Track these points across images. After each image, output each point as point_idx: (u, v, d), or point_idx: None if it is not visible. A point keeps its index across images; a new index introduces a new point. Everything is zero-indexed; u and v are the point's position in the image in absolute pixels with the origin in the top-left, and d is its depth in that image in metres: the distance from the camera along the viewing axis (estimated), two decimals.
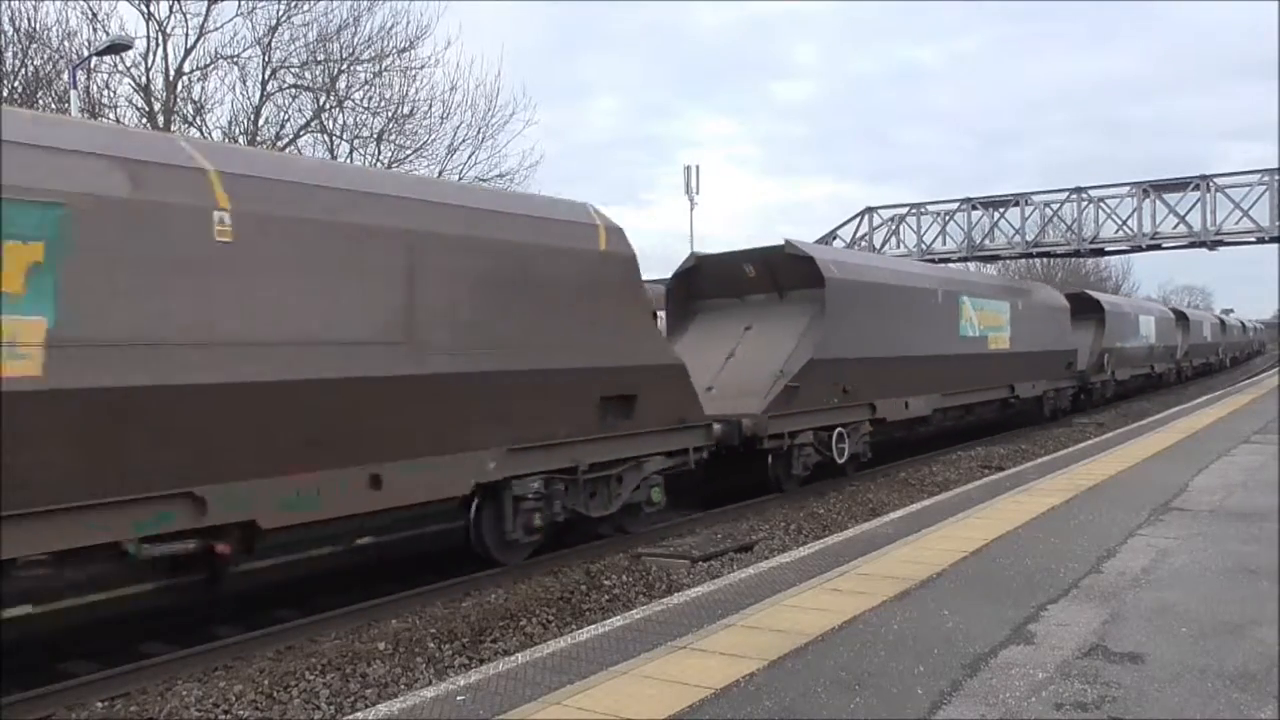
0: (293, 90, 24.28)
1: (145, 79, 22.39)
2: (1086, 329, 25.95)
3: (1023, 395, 20.40)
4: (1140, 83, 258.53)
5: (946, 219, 29.72)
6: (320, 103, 24.32)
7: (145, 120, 21.99)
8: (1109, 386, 27.46)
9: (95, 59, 20.81)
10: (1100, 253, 31.04)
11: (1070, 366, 23.86)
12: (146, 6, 21.95)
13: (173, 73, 22.58)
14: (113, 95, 22.30)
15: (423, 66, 25.90)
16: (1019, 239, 28.59)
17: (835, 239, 30.66)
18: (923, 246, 29.55)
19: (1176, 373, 37.97)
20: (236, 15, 23.75)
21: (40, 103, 20.26)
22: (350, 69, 24.37)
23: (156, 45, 22.26)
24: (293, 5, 23.38)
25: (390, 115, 25.02)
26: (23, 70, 20.89)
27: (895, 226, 30.24)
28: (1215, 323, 52.26)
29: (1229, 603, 5.51)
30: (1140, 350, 31.01)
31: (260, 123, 23.93)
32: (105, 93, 22.10)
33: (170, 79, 22.56)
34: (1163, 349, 34.25)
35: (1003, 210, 28.79)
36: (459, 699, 4.38)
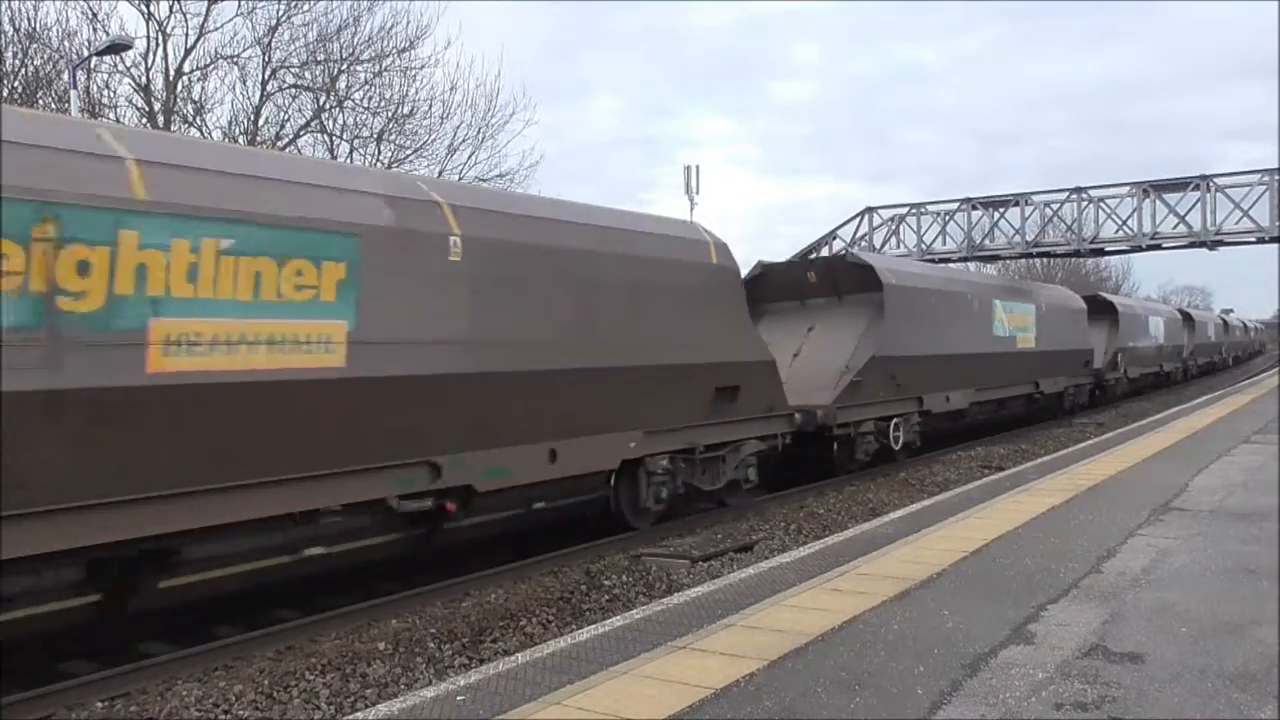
0: (293, 90, 24.29)
1: (145, 79, 22.41)
2: (1101, 329, 27.23)
3: (1046, 391, 21.96)
4: (1140, 83, 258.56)
5: (946, 219, 29.66)
6: (320, 103, 24.32)
7: (145, 120, 21.99)
8: (1122, 383, 28.70)
9: (95, 59, 20.80)
10: (1100, 253, 31.00)
11: (1087, 364, 25.16)
12: (146, 6, 21.98)
13: (173, 73, 22.58)
14: (113, 95, 22.33)
15: (423, 66, 25.93)
16: (1019, 239, 28.54)
17: (835, 239, 30.63)
18: (923, 246, 29.50)
19: (1183, 371, 39.13)
20: (236, 15, 23.82)
21: (40, 103, 20.26)
22: (350, 69, 24.37)
23: (156, 45, 22.29)
24: (293, 5, 23.39)
25: (390, 115, 25.02)
26: (23, 70, 20.89)
27: (895, 226, 30.20)
28: (1219, 323, 53.68)
29: (1229, 603, 5.51)
30: (1150, 349, 32.16)
31: (260, 123, 23.95)
32: (105, 93, 22.14)
33: (170, 79, 22.55)
34: (1171, 348, 35.40)
35: (1003, 210, 28.75)
36: (459, 699, 4.38)
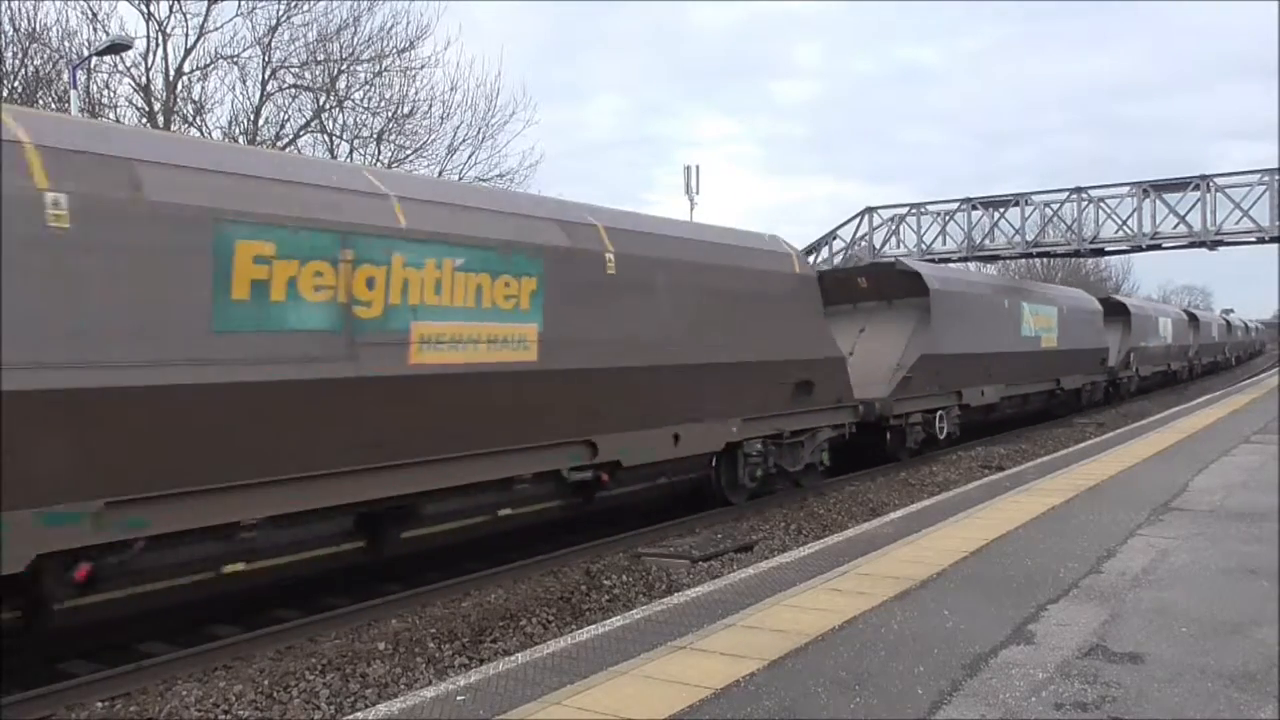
0: (293, 90, 24.28)
1: (145, 79, 22.41)
2: (1114, 329, 28.71)
3: (1066, 387, 23.63)
4: (1140, 83, 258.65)
5: (946, 219, 29.66)
6: (320, 103, 24.30)
7: (145, 120, 21.98)
8: (1133, 381, 30.39)
9: (95, 59, 20.79)
10: (1100, 253, 31.02)
11: (1103, 363, 26.79)
12: (146, 6, 21.97)
13: (173, 73, 22.58)
14: (113, 95, 22.32)
15: (423, 66, 25.88)
16: (1019, 239, 28.56)
17: (835, 239, 30.65)
18: (923, 246, 29.50)
19: (1189, 370, 40.89)
20: (236, 15, 23.83)
21: (40, 102, 20.25)
22: (350, 69, 24.36)
23: (156, 45, 22.28)
24: (293, 5, 23.38)
25: (390, 115, 25.01)
26: (23, 70, 20.89)
27: (895, 226, 30.20)
28: (1222, 324, 55.57)
29: (1229, 603, 5.51)
30: (1159, 349, 33.99)
31: (260, 123, 23.95)
32: (105, 93, 22.13)
33: (170, 79, 22.55)
34: (1178, 348, 37.24)
35: (1003, 210, 28.75)
36: (459, 699, 4.38)
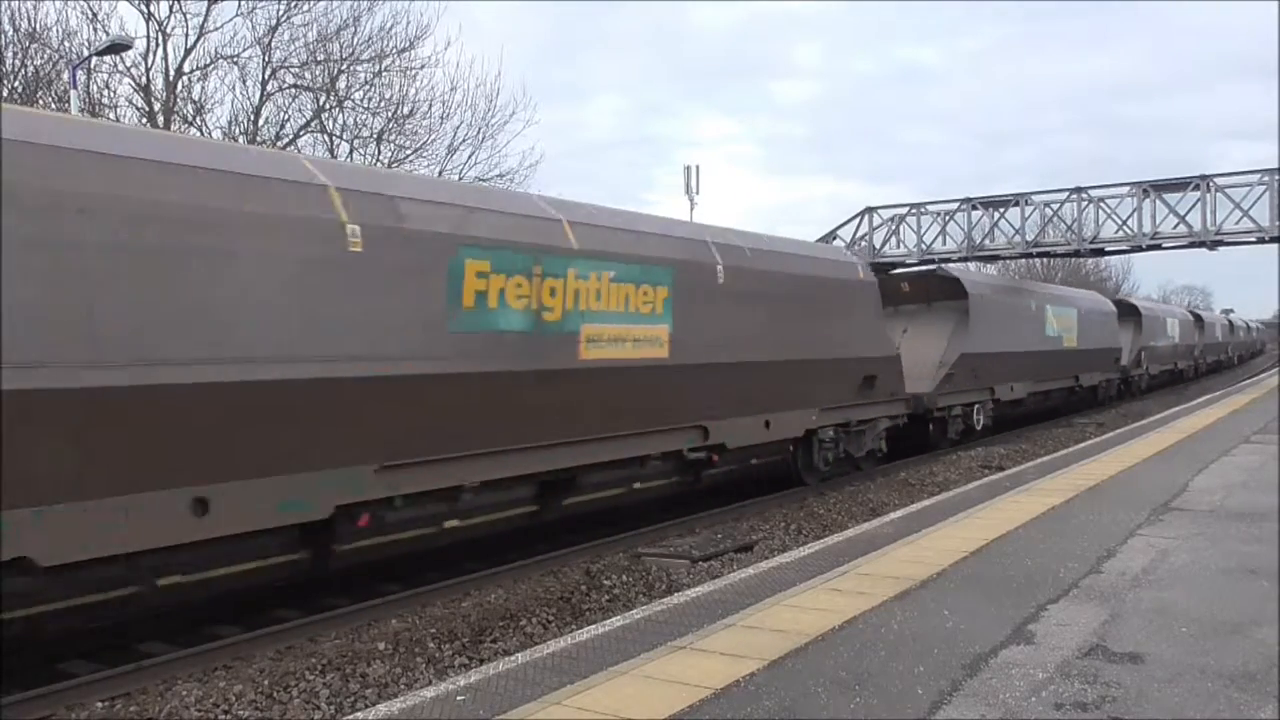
0: (293, 90, 24.21)
1: (145, 79, 22.33)
2: (1126, 330, 30.75)
3: (1084, 384, 25.68)
4: (1140, 83, 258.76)
5: (946, 219, 29.56)
6: (320, 103, 24.25)
7: (145, 120, 21.97)
8: (1144, 379, 32.68)
9: (95, 59, 20.74)
10: (1100, 253, 30.91)
11: (1116, 361, 28.90)
12: (146, 6, 21.91)
13: (173, 73, 22.52)
14: (113, 95, 22.27)
15: (423, 66, 25.81)
16: (1019, 239, 28.46)
17: (835, 239, 30.59)
18: (923, 246, 29.45)
19: (1194, 368, 43.06)
20: (236, 15, 23.74)
21: (40, 102, 20.25)
22: (350, 69, 24.29)
23: (156, 45, 22.21)
24: (293, 5, 23.30)
25: (390, 115, 24.92)
26: (23, 70, 20.86)
27: (895, 226, 30.15)
28: (1225, 324, 57.70)
29: (1229, 603, 5.51)
30: (1168, 348, 36.23)
31: (260, 123, 23.89)
32: (105, 93, 22.09)
33: (170, 79, 22.50)
34: (1184, 347, 39.54)
35: (1003, 210, 28.66)
36: (459, 699, 4.38)
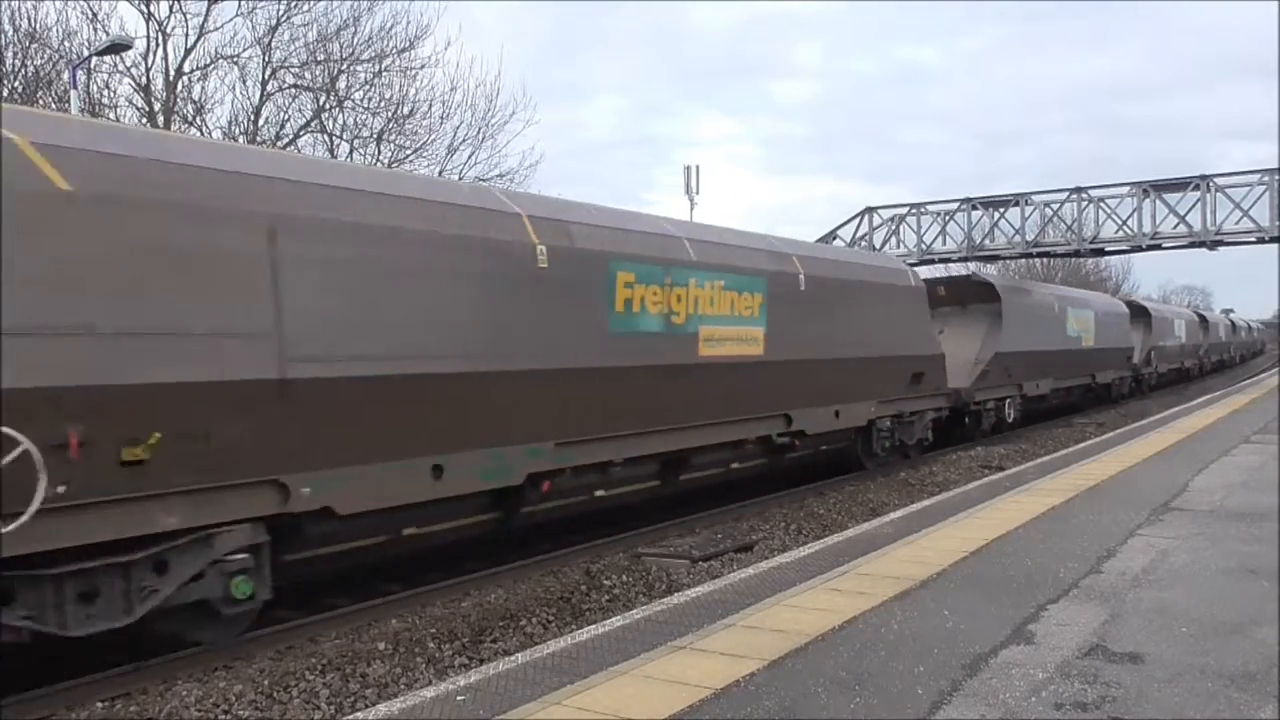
0: (293, 90, 24.20)
1: (145, 79, 22.33)
2: (1137, 330, 32.14)
3: (1100, 382, 27.11)
4: (1140, 83, 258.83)
5: (946, 219, 29.60)
6: (320, 103, 24.24)
7: (145, 120, 21.97)
8: (1154, 377, 34.56)
9: (95, 59, 20.73)
10: (1100, 253, 30.97)
11: (1129, 360, 30.45)
12: (146, 6, 21.91)
13: (173, 73, 22.52)
14: (113, 95, 22.27)
15: (423, 66, 25.81)
16: (1019, 239, 28.51)
17: (835, 239, 30.60)
18: (923, 246, 29.47)
19: (1199, 367, 44.74)
20: (236, 15, 23.76)
21: (40, 102, 20.24)
22: (350, 69, 24.29)
23: (156, 45, 22.21)
24: (293, 5, 23.30)
25: (390, 115, 24.91)
26: (23, 70, 20.85)
27: (895, 226, 30.17)
28: (1227, 324, 59.20)
29: (1229, 603, 5.51)
30: (1175, 348, 38.08)
31: (260, 123, 23.89)
32: (105, 93, 22.08)
33: (170, 79, 22.50)
34: (1191, 347, 41.39)
35: (1003, 210, 28.69)
36: (459, 699, 4.38)
